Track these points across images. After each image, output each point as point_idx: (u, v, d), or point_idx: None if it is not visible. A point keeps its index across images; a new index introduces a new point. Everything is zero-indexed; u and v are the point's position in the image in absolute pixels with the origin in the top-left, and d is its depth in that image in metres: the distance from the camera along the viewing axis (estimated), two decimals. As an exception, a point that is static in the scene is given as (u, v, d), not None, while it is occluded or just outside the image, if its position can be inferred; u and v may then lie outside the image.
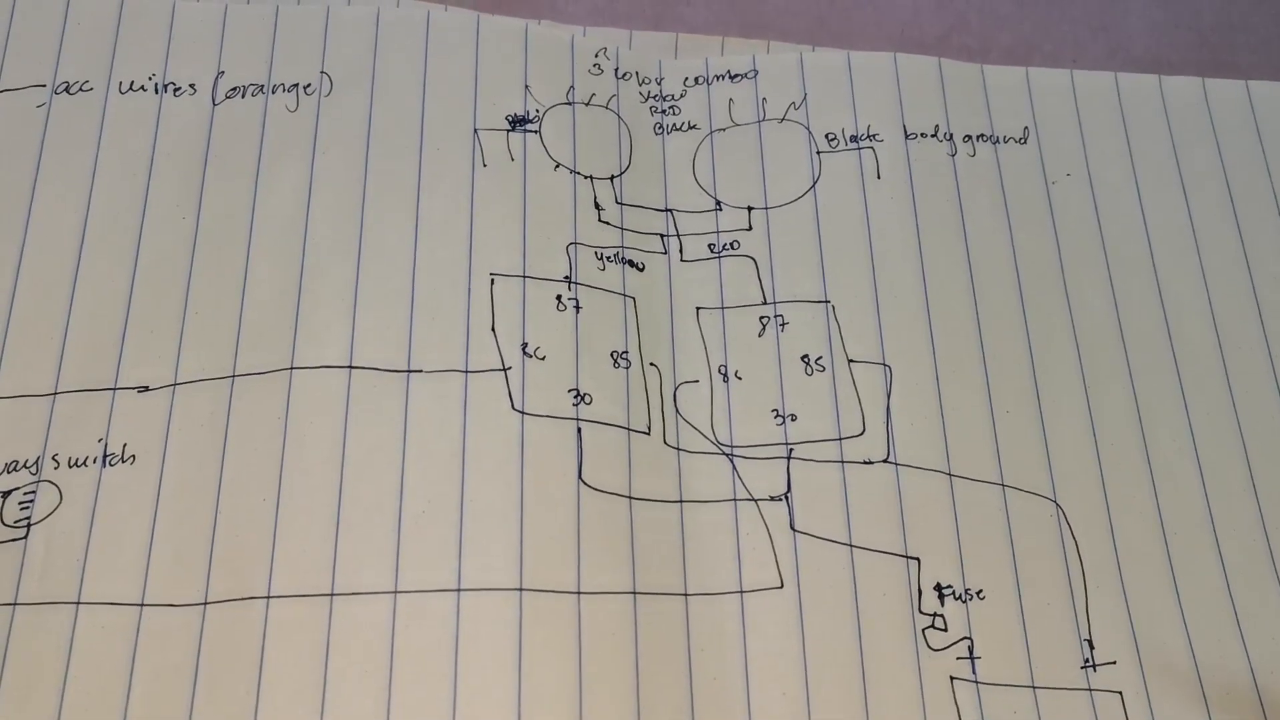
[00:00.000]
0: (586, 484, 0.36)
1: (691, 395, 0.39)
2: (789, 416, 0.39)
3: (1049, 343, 0.41)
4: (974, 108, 0.45)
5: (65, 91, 0.41)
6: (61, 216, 0.39)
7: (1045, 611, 0.36)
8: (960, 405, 0.39)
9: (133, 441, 0.36)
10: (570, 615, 0.34)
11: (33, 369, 0.37)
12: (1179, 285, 0.42)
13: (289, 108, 0.41)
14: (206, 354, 0.37)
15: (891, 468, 0.38)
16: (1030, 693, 0.35)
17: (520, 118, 0.42)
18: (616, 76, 0.44)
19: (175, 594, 0.34)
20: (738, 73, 0.45)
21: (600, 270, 0.40)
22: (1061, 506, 0.38)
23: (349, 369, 0.37)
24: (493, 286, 0.39)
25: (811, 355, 0.40)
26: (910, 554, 0.37)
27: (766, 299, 0.41)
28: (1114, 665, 0.36)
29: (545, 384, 0.37)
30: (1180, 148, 0.45)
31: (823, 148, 0.43)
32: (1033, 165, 0.44)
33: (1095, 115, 0.46)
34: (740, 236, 0.42)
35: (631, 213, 0.42)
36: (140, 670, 0.33)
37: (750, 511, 0.37)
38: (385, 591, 0.34)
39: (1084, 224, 0.43)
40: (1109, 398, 0.40)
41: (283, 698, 0.33)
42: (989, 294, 0.41)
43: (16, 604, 0.34)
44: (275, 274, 0.39)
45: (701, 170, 0.43)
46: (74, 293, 0.38)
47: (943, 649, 0.36)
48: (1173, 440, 0.40)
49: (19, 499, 0.35)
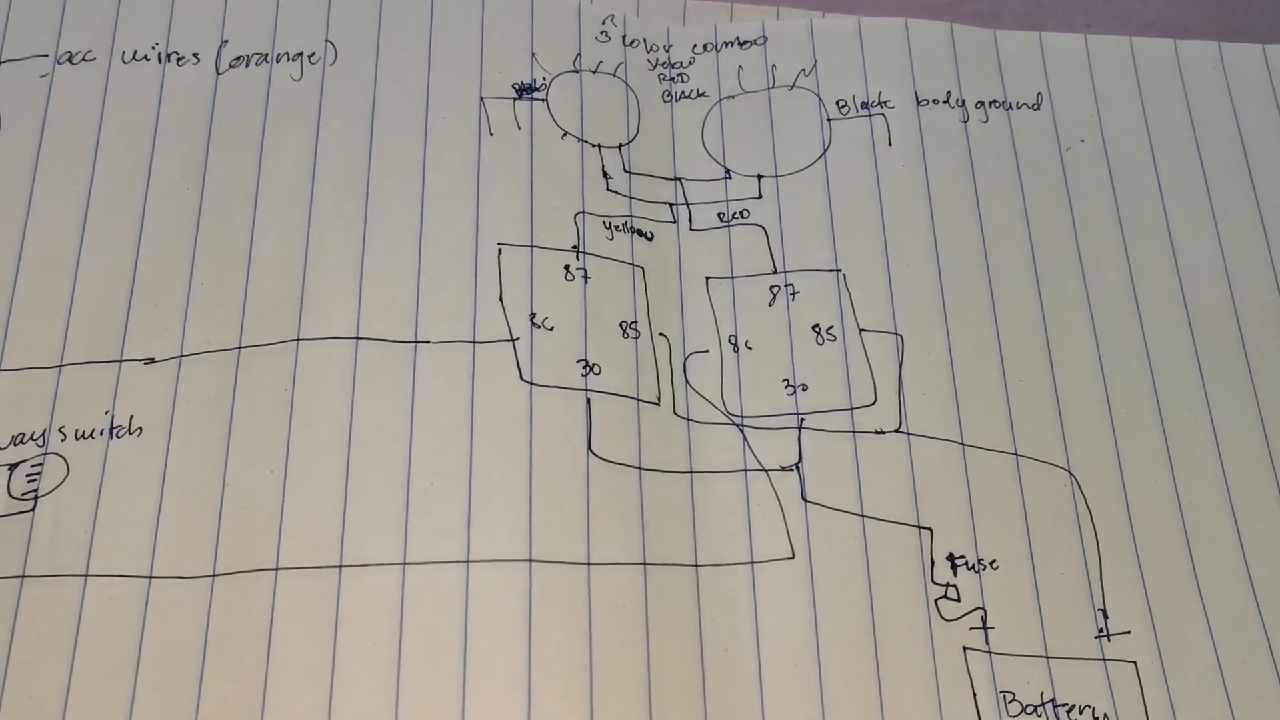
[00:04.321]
0: (596, 455, 0.36)
1: (701, 365, 0.39)
2: (800, 386, 0.38)
3: (1063, 311, 0.40)
4: (986, 74, 0.44)
5: (68, 61, 0.41)
6: (65, 188, 0.39)
7: (1059, 582, 0.36)
8: (973, 374, 0.39)
9: (139, 414, 0.36)
10: (580, 587, 0.34)
11: (38, 342, 0.36)
12: (1195, 253, 0.42)
13: (293, 77, 0.41)
14: (212, 326, 0.37)
15: (904, 438, 0.38)
16: (1044, 663, 0.35)
17: (527, 86, 0.41)
18: (624, 44, 0.44)
19: (184, 566, 0.34)
20: (747, 39, 0.44)
21: (609, 240, 0.40)
22: (1075, 476, 0.38)
23: (356, 340, 0.37)
24: (500, 257, 0.38)
25: (823, 325, 0.39)
26: (923, 524, 0.36)
27: (777, 268, 0.40)
28: (1129, 635, 0.36)
29: (554, 354, 0.37)
30: (1196, 113, 0.45)
31: (833, 115, 0.43)
32: (1046, 132, 0.44)
33: (1110, 81, 0.45)
34: (750, 205, 0.41)
35: (640, 181, 0.41)
36: (149, 642, 0.33)
37: (761, 482, 0.37)
38: (394, 563, 0.34)
39: (1099, 191, 0.43)
40: (1124, 367, 0.40)
41: (292, 669, 0.33)
42: (1002, 262, 0.41)
43: (25, 576, 0.33)
44: (281, 245, 0.38)
45: (710, 138, 0.43)
46: (78, 265, 0.38)
47: (955, 619, 0.35)
48: (1188, 410, 0.39)
49: (26, 471, 0.35)
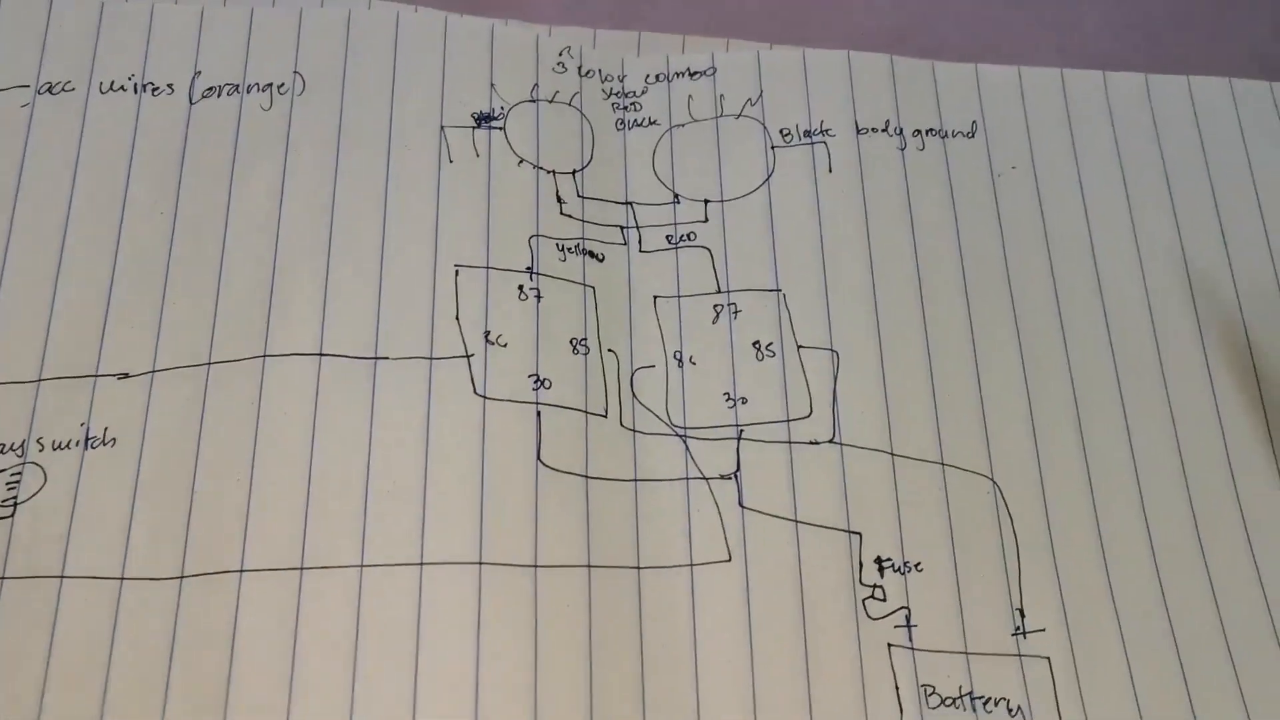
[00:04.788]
0: (545, 464, 0.38)
1: (647, 380, 0.41)
2: (740, 399, 0.41)
3: (990, 330, 0.43)
4: (924, 103, 0.47)
5: (48, 91, 0.43)
6: (45, 212, 0.41)
7: (979, 582, 0.38)
8: (904, 389, 0.41)
9: (113, 425, 0.38)
10: (527, 587, 0.36)
11: (18, 357, 0.39)
12: (1117, 275, 0.44)
13: (263, 107, 0.43)
14: (184, 343, 0.39)
15: (837, 448, 0.40)
16: (964, 658, 0.37)
17: (485, 115, 0.44)
18: (579, 74, 0.46)
19: (154, 568, 0.36)
20: (697, 70, 0.47)
21: (561, 261, 0.42)
22: (998, 484, 0.40)
23: (319, 356, 0.39)
24: (457, 277, 0.41)
25: (763, 341, 0.42)
26: (853, 529, 0.39)
27: (720, 288, 0.43)
28: (1043, 633, 0.38)
29: (506, 370, 0.39)
30: (1122, 141, 0.47)
31: (777, 143, 0.45)
32: (979, 158, 0.46)
33: (1041, 110, 0.47)
34: (697, 228, 0.44)
35: (592, 205, 0.44)
36: (121, 639, 0.35)
37: (701, 489, 0.39)
38: (352, 565, 0.36)
39: (1028, 215, 0.45)
40: (1047, 382, 0.42)
41: (254, 664, 0.35)
42: (934, 283, 0.43)
43: (4, 578, 0.35)
44: (249, 267, 0.40)
45: (661, 165, 0.45)
46: (56, 285, 0.40)
47: (881, 618, 0.38)
48: (1107, 423, 0.41)
49: (5, 480, 0.37)
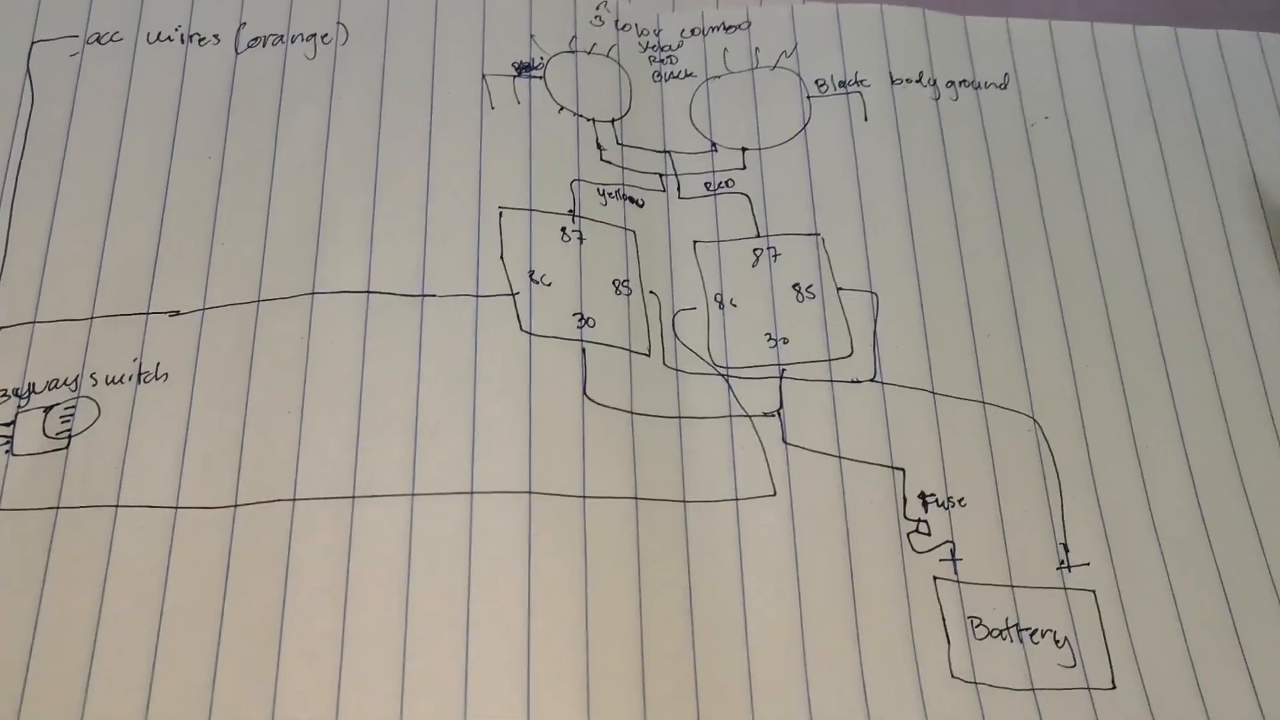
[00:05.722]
0: (590, 399, 0.39)
1: (689, 321, 0.41)
2: (781, 340, 0.41)
3: (1028, 272, 0.43)
4: (956, 56, 0.47)
5: (97, 41, 0.43)
6: (95, 157, 0.41)
7: (1023, 518, 0.39)
8: (943, 330, 0.41)
9: (165, 360, 0.38)
10: (576, 517, 0.37)
11: (71, 296, 0.39)
12: (1152, 220, 0.45)
13: (307, 56, 0.44)
14: (233, 282, 0.40)
15: (878, 386, 0.40)
16: (1009, 591, 0.38)
17: (526, 64, 0.44)
18: (616, 28, 0.46)
19: (207, 497, 0.36)
20: (732, 24, 0.47)
21: (603, 205, 0.42)
22: (1039, 422, 0.40)
23: (367, 294, 0.39)
24: (501, 219, 0.41)
25: (802, 283, 0.42)
26: (896, 465, 0.39)
27: (760, 232, 0.43)
28: (1088, 566, 0.38)
29: (551, 308, 0.40)
30: (1154, 93, 0.47)
31: (813, 93, 0.46)
32: (1013, 109, 0.46)
33: (1072, 63, 0.48)
34: (735, 175, 0.44)
35: (632, 153, 0.44)
36: (175, 567, 0.35)
37: (745, 426, 0.39)
38: (403, 494, 0.36)
39: (1061, 163, 0.45)
40: (1085, 322, 0.42)
41: (308, 591, 0.35)
42: (971, 227, 0.44)
43: (59, 508, 0.36)
44: (296, 208, 0.41)
45: (698, 114, 0.45)
46: (108, 227, 0.40)
47: (926, 551, 0.38)
48: (1145, 361, 0.42)
49: (60, 413, 0.37)
